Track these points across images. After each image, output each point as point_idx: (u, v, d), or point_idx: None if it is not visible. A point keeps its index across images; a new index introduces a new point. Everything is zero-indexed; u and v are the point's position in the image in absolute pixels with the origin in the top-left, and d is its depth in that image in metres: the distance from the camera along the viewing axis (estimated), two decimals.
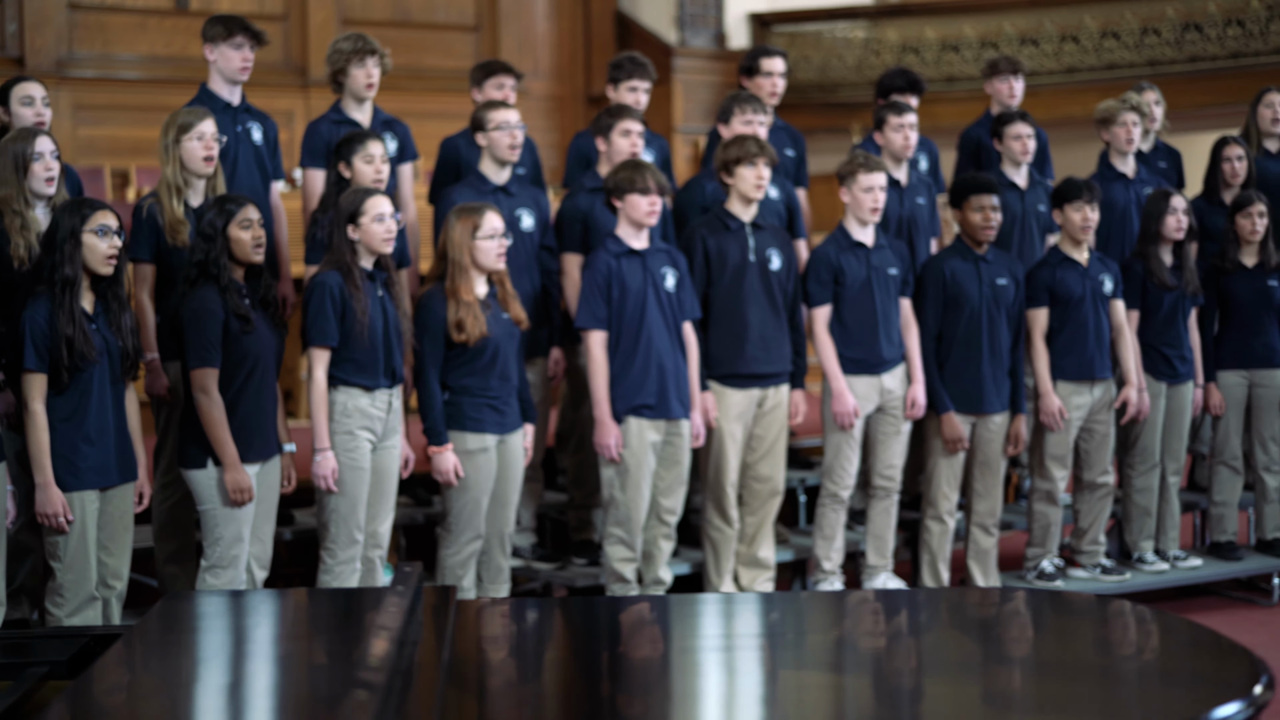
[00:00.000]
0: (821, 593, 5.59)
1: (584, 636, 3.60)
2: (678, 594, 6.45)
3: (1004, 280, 6.89)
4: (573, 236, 6.61)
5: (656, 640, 3.56)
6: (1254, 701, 2.76)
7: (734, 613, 3.76)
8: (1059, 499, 7.21)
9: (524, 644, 3.54)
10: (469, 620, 3.52)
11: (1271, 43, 12.59)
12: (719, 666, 3.31)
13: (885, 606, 3.81)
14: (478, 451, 5.87)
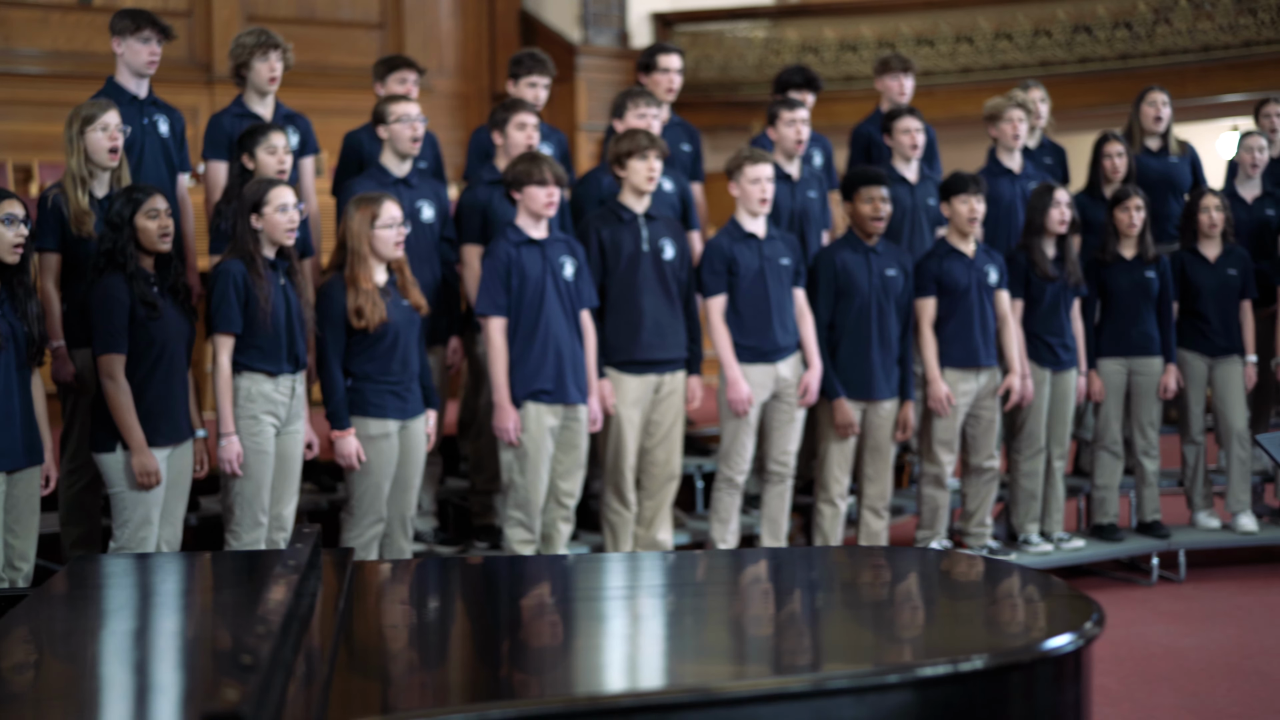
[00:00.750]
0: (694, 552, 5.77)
1: (479, 587, 3.78)
2: (577, 553, 6.62)
3: (893, 271, 7.12)
4: (472, 228, 6.76)
5: (551, 588, 3.74)
6: (1084, 634, 2.99)
7: (627, 567, 3.94)
8: (946, 483, 7.45)
9: (423, 595, 3.70)
10: (369, 576, 3.69)
11: (1158, 45, 12.97)
12: (614, 610, 3.48)
13: (758, 559, 4.01)
14: (379, 437, 6.01)
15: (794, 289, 6.97)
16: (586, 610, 3.49)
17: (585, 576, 3.83)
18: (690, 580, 3.71)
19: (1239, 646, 6.73)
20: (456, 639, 3.24)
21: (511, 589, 3.76)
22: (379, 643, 3.12)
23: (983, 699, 2.74)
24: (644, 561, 3.98)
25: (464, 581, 3.87)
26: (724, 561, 4.08)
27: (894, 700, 2.61)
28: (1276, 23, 12.51)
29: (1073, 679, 2.92)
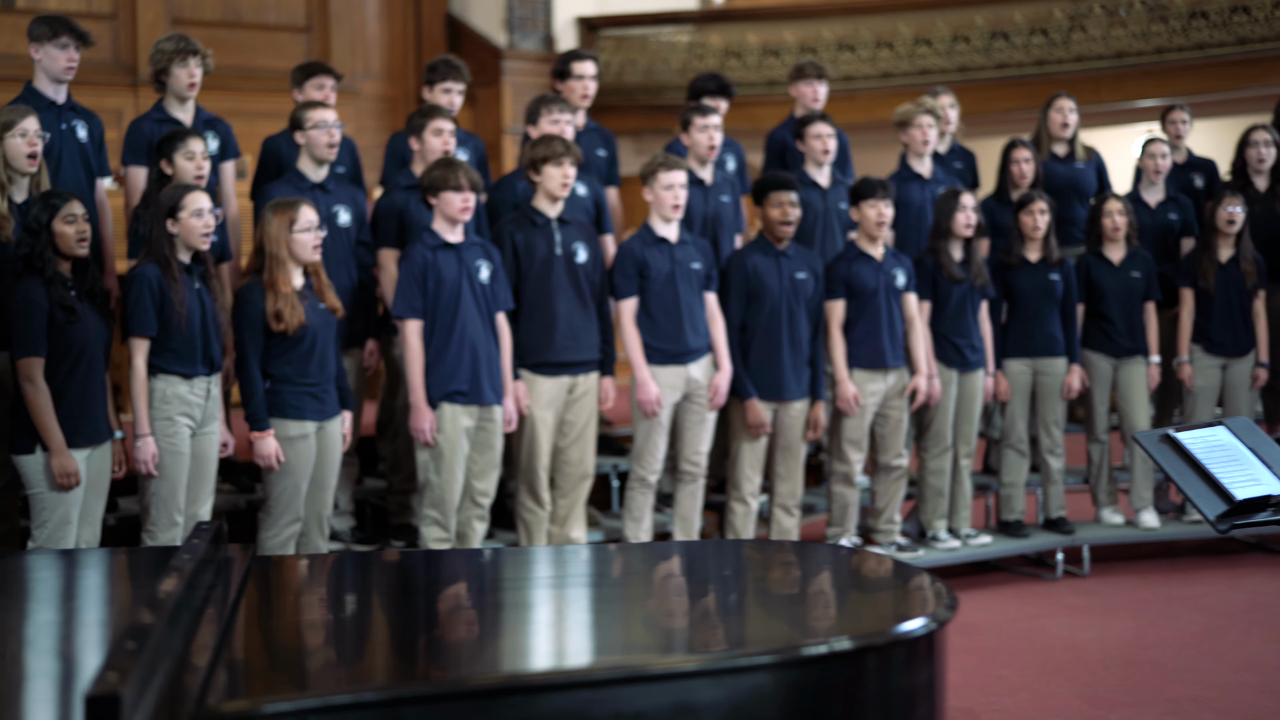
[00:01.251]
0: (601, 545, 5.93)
1: (380, 578, 3.93)
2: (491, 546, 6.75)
3: (803, 274, 7.29)
4: (389, 232, 6.87)
5: (462, 580, 3.89)
6: (936, 618, 3.16)
7: (514, 560, 4.09)
8: (856, 481, 7.63)
9: (324, 585, 3.84)
10: (275, 570, 3.83)
11: (1073, 51, 13.23)
12: (486, 600, 3.63)
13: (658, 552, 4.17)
14: (298, 438, 6.12)
15: (705, 292, 7.12)
16: (460, 599, 3.65)
17: (465, 568, 3.99)
18: (575, 572, 3.86)
19: (1136, 638, 6.95)
20: (351, 626, 3.38)
21: (396, 580, 3.91)
22: (273, 630, 3.25)
23: (839, 680, 2.90)
24: (535, 555, 4.13)
25: (367, 572, 4.01)
26: (607, 554, 4.24)
27: (749, 682, 2.77)
28: (1187, 30, 12.79)
29: (925, 661, 3.08)
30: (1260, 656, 6.50)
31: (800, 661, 2.82)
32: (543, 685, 2.73)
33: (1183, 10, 12.79)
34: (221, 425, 6.05)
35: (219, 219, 5.94)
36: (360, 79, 13.73)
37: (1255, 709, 5.88)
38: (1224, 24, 12.71)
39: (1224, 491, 4.47)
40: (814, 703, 2.83)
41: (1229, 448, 4.65)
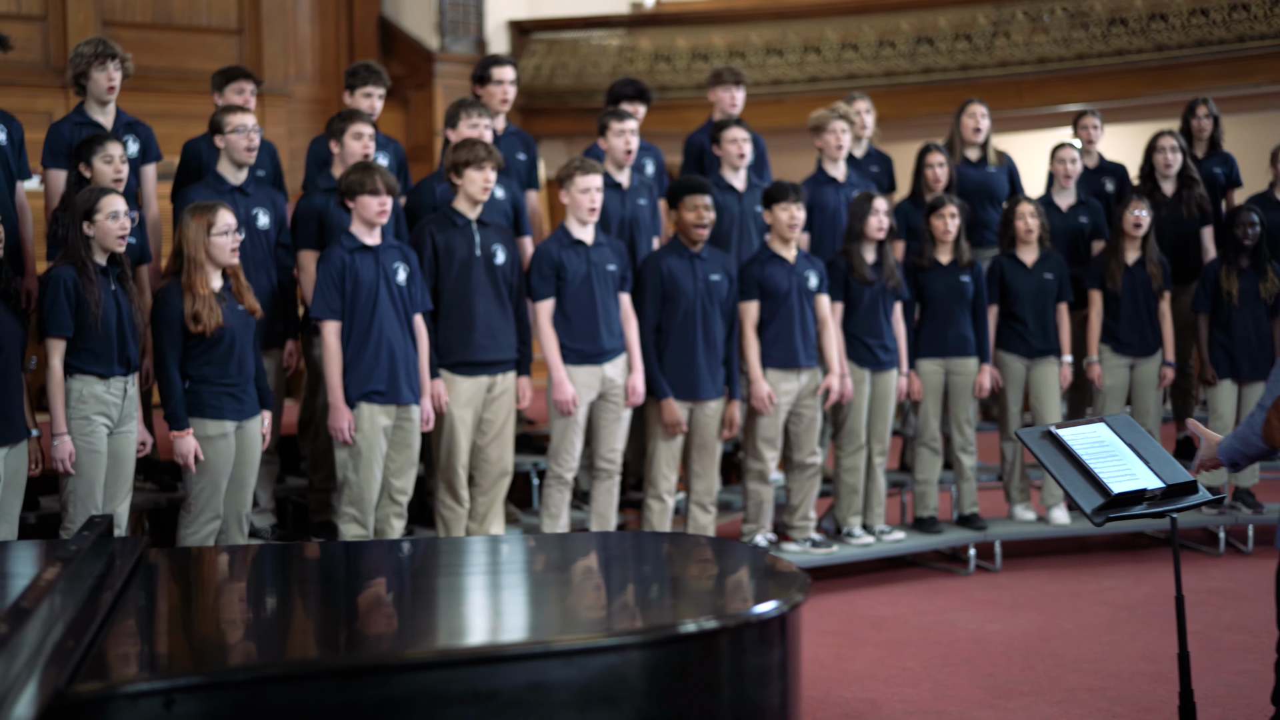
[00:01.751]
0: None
1: (272, 566, 4.07)
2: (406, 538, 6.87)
3: (717, 276, 7.44)
4: (308, 234, 6.99)
5: (350, 567, 4.03)
6: (788, 601, 3.33)
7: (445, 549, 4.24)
8: (770, 478, 7.79)
9: (226, 571, 3.97)
10: (175, 558, 3.97)
11: (996, 56, 13.43)
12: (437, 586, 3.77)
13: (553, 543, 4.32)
14: (217, 437, 6.22)
15: (620, 293, 7.26)
16: (344, 585, 3.81)
17: (357, 557, 4.13)
18: (461, 561, 4.01)
19: (1039, 630, 7.14)
20: (234, 611, 3.51)
21: (286, 569, 4.05)
22: (155, 616, 3.38)
23: (694, 659, 3.06)
24: (420, 547, 4.28)
25: (259, 562, 4.15)
26: (488, 545, 4.40)
27: (599, 663, 2.92)
28: (1107, 37, 13.02)
29: (778, 641, 3.25)
30: (1157, 647, 6.69)
31: (648, 644, 2.98)
32: (401, 665, 2.88)
33: (1103, 17, 13.02)
34: (140, 424, 6.15)
35: (135, 221, 6.04)
36: (292, 81, 13.79)
37: (1148, 697, 6.07)
38: (1142, 31, 12.95)
39: (1101, 486, 4.66)
40: (668, 681, 2.99)
41: (1108, 444, 4.84)
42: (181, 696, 2.71)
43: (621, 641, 2.98)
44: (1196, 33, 12.81)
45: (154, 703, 2.72)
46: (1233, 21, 12.67)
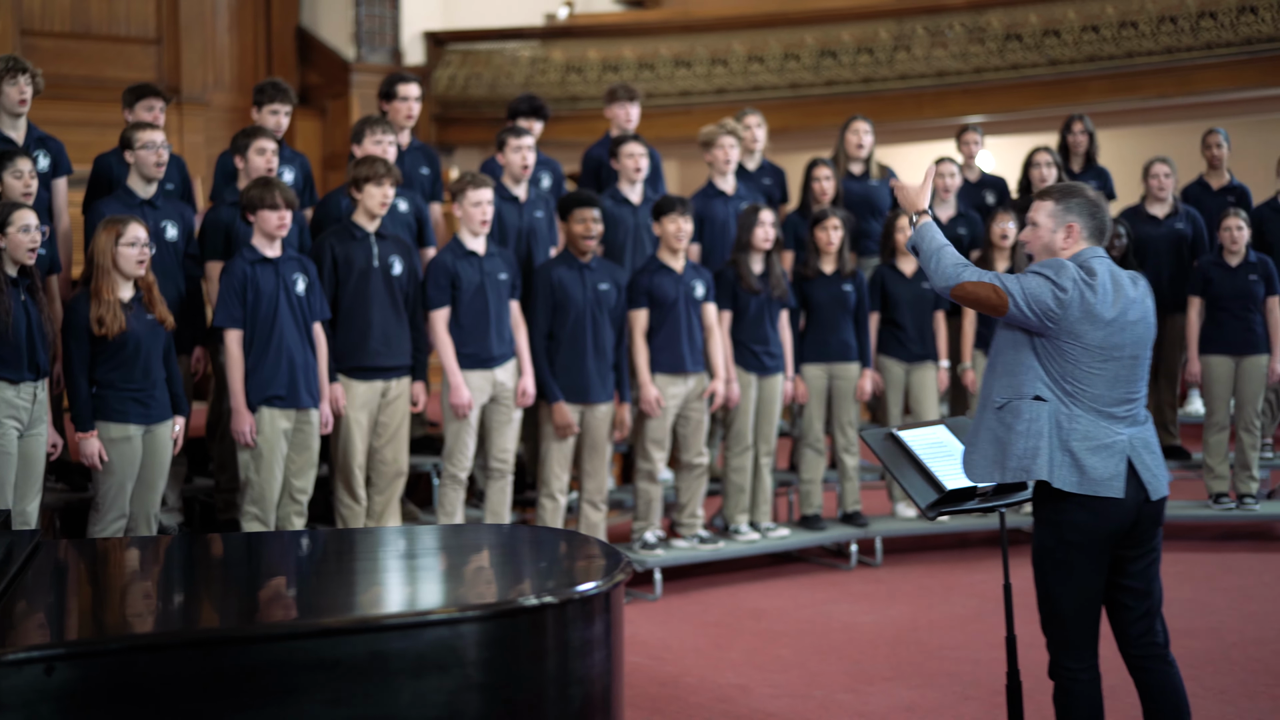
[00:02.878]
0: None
1: (163, 554, 4.45)
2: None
3: (606, 285, 7.83)
4: (215, 246, 7.32)
5: (230, 554, 4.41)
6: (610, 579, 3.73)
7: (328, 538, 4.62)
8: (659, 478, 8.18)
9: (119, 559, 4.33)
10: (74, 549, 4.34)
11: (897, 70, 13.92)
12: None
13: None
14: (120, 439, 6.53)
15: (511, 301, 7.63)
16: (220, 569, 4.20)
17: (237, 546, 4.52)
18: (337, 549, 4.41)
19: (909, 620, 7.56)
20: (119, 592, 3.87)
21: (175, 555, 4.43)
22: (41, 596, 3.74)
23: (523, 631, 3.45)
24: (303, 538, 4.66)
25: (148, 550, 4.53)
26: (363, 535, 4.81)
27: (432, 635, 3.30)
28: (1003, 51, 13.53)
29: (601, 614, 3.66)
30: (1019, 635, 7.11)
31: (477, 618, 3.37)
32: (253, 637, 3.25)
33: (999, 33, 13.53)
34: (50, 427, 6.45)
35: (46, 235, 6.34)
36: (211, 90, 14.08)
37: (1001, 679, 6.46)
38: (1037, 46, 13.47)
39: (936, 483, 5.08)
40: (497, 651, 3.38)
41: (946, 445, 5.26)
42: (60, 664, 3.06)
43: (452, 616, 3.38)
44: (1088, 49, 13.35)
45: (36, 670, 3.07)
46: (1122, 38, 13.22)
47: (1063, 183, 4.85)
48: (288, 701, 3.17)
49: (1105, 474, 4.59)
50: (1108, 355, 4.60)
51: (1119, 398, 4.64)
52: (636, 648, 7.14)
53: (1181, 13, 12.96)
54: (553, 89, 14.45)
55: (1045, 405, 4.61)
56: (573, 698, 3.51)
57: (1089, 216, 4.70)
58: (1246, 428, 9.14)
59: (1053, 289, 4.56)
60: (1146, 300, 4.75)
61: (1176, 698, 4.83)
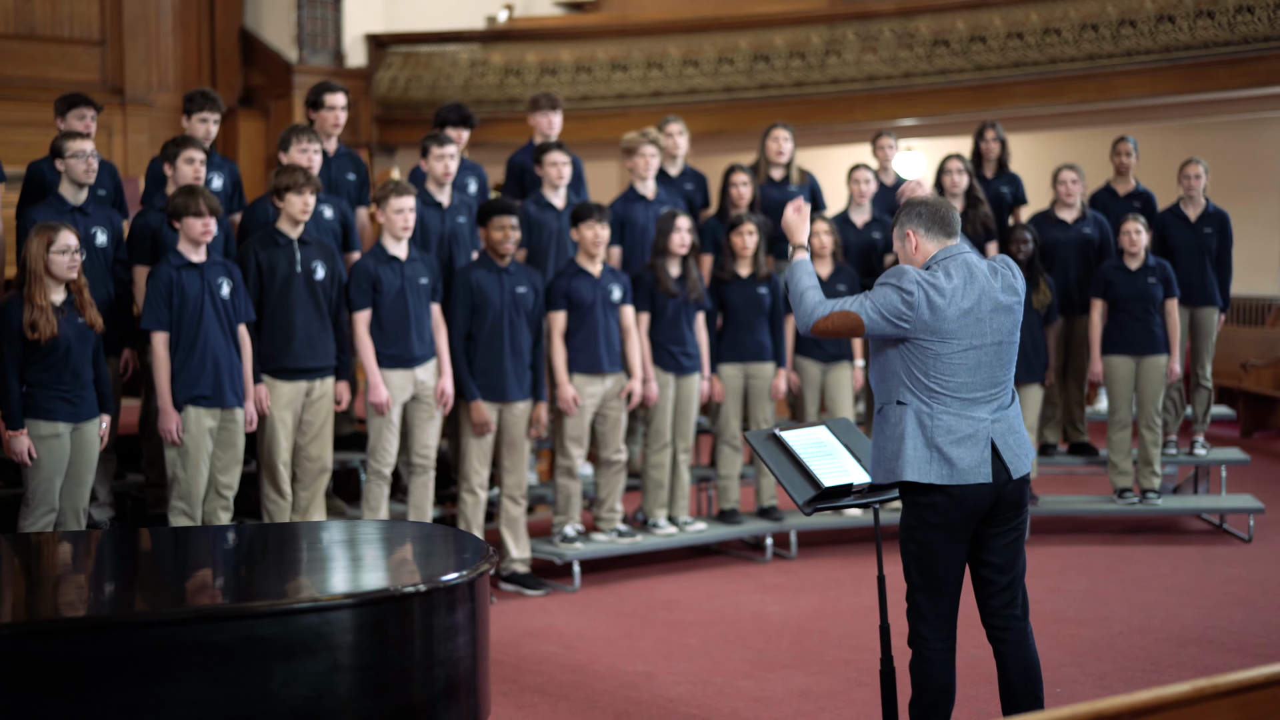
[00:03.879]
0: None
1: (76, 547, 4.73)
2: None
3: (523, 289, 8.12)
4: (142, 251, 7.59)
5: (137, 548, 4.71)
6: (474, 570, 4.05)
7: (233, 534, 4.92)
8: (577, 474, 8.49)
9: (46, 552, 4.62)
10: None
11: (829, 74, 14.24)
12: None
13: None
14: (50, 436, 6.79)
15: (431, 304, 7.92)
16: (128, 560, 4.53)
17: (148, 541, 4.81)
18: (235, 544, 4.72)
19: (815, 611, 7.89)
20: (30, 581, 4.17)
21: (90, 548, 4.73)
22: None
23: (392, 617, 3.78)
24: (216, 533, 4.97)
25: (66, 544, 4.82)
26: (259, 531, 5.14)
27: (302, 621, 3.62)
28: (931, 57, 13.87)
29: (465, 601, 3.98)
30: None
31: (344, 606, 3.68)
32: (136, 623, 3.55)
33: (927, 39, 13.87)
34: None
35: None
36: (155, 90, 14.30)
37: None
38: (964, 52, 13.81)
39: (814, 480, 5.40)
40: (366, 635, 3.71)
41: (826, 444, 5.58)
42: None
43: (320, 604, 3.69)
44: (1013, 54, 13.70)
45: None
46: (1045, 45, 13.57)
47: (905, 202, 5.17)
48: (167, 681, 3.49)
49: (972, 462, 4.91)
50: (967, 344, 4.92)
51: (983, 383, 4.95)
52: (551, 637, 7.45)
53: (1103, 20, 13.32)
54: (491, 91, 14.73)
55: (907, 408, 4.93)
56: (438, 678, 3.83)
57: (921, 218, 5.04)
58: (1148, 425, 9.51)
59: (899, 294, 4.90)
60: (1011, 289, 5.03)
61: (1029, 668, 5.14)
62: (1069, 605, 7.93)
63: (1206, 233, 9.83)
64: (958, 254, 5.02)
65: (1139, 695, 3.01)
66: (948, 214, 5.07)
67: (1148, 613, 7.77)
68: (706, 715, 6.28)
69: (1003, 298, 5.00)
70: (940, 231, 5.04)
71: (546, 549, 8.45)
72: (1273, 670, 3.13)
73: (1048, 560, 8.88)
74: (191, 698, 3.51)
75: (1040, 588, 8.17)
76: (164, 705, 3.50)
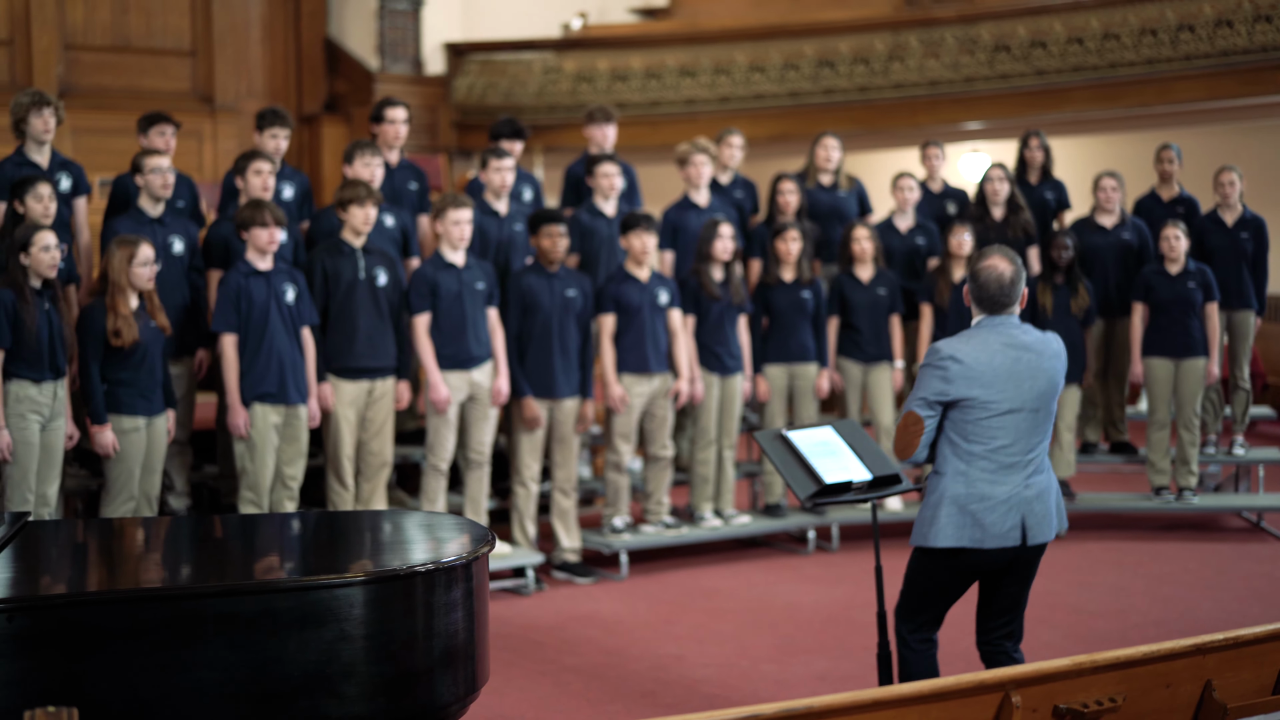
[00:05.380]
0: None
1: (137, 530, 5.31)
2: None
3: (573, 292, 8.61)
4: (217, 258, 8.16)
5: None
6: (474, 552, 4.55)
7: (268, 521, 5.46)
8: (625, 468, 8.96)
9: (92, 535, 5.18)
10: (58, 527, 5.23)
11: (892, 79, 14.60)
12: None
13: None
14: (130, 430, 7.38)
15: (488, 308, 8.42)
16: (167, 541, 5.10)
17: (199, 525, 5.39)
18: (283, 528, 5.31)
19: (847, 600, 8.31)
20: (83, 557, 4.75)
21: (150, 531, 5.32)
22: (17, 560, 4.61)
23: (397, 593, 4.28)
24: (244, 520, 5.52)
25: (123, 528, 5.40)
26: (306, 517, 5.72)
27: (315, 596, 4.12)
28: (992, 62, 14.19)
29: (462, 580, 4.49)
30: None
31: (356, 582, 4.20)
32: (168, 595, 4.08)
33: (988, 44, 14.20)
34: (69, 421, 7.30)
35: (65, 251, 7.19)
36: (243, 98, 14.92)
37: None
38: (1024, 57, 14.11)
39: (816, 477, 5.83)
40: (373, 608, 4.22)
41: (831, 444, 6.01)
42: (18, 614, 3.90)
43: (329, 581, 4.21)
44: (1073, 59, 13.99)
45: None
46: (1105, 50, 13.84)
47: (976, 253, 5.44)
48: (195, 645, 4.02)
49: (1002, 529, 5.21)
50: (1005, 409, 5.18)
51: (1021, 448, 5.23)
52: (594, 621, 7.93)
53: (1162, 25, 13.58)
54: (564, 97, 15.23)
55: (943, 479, 5.25)
56: (437, 647, 4.35)
57: (975, 287, 5.25)
58: (1186, 426, 9.82)
59: (934, 371, 5.20)
60: (1053, 360, 5.28)
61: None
62: (1091, 598, 8.29)
63: (1243, 237, 10.11)
64: (1001, 324, 5.24)
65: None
66: (998, 294, 5.23)
67: (1166, 606, 8.11)
68: (728, 695, 6.73)
69: (1044, 369, 5.24)
70: (986, 309, 5.27)
71: (596, 539, 8.94)
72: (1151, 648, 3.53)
73: (1080, 555, 9.23)
74: (214, 660, 4.04)
75: (1067, 581, 8.55)
76: (191, 666, 4.03)
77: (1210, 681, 3.93)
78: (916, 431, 5.23)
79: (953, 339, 5.28)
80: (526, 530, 8.69)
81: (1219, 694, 3.94)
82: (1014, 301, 5.26)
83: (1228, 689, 3.96)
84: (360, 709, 4.23)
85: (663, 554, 9.30)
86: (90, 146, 13.05)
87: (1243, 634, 4.06)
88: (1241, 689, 4.00)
